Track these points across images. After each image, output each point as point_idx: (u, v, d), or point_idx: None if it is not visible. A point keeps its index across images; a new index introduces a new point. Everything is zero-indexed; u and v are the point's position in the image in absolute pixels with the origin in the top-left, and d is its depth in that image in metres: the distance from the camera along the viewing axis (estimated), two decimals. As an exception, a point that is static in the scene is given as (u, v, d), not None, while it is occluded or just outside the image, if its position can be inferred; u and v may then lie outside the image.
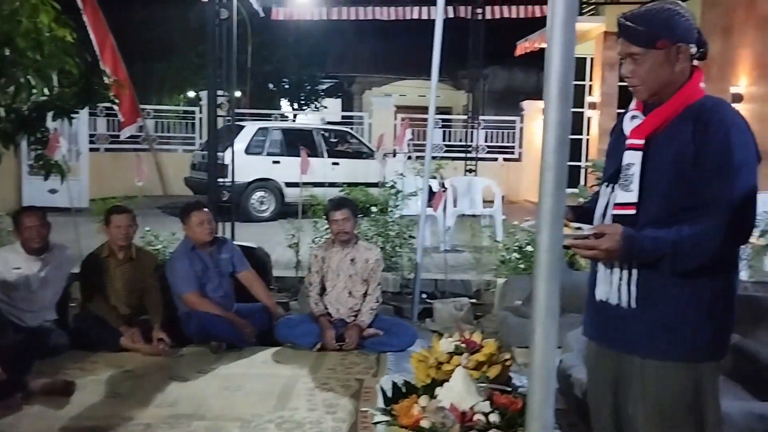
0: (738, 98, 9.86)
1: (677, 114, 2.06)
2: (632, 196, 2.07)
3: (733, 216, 1.94)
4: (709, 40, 7.97)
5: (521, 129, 15.86)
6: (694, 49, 2.07)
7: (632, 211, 2.06)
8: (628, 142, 2.12)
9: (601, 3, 12.73)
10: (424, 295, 6.22)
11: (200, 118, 14.92)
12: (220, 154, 6.91)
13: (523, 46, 13.75)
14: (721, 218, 1.95)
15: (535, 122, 15.06)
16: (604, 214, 2.17)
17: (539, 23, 10.79)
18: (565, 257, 5.01)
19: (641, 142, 2.08)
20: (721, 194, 1.96)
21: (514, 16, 12.10)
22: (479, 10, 12.31)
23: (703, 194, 1.98)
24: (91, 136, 13.04)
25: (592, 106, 13.32)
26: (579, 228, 2.00)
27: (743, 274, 6.26)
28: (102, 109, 13.29)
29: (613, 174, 2.17)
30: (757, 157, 2.03)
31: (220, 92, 6.98)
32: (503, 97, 21.88)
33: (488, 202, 9.35)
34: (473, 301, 6.28)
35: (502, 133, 16.12)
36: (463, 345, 2.81)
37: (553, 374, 1.52)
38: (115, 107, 6.76)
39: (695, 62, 2.14)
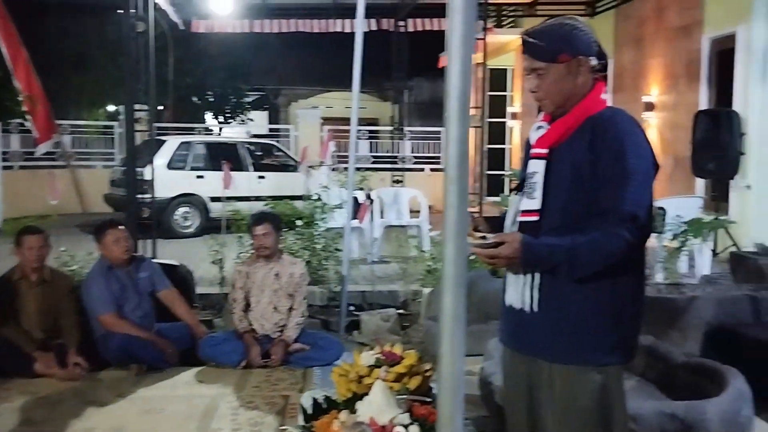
0: (650, 107, 10.27)
1: (578, 124, 2.13)
2: (535, 203, 2.13)
3: (628, 222, 2.01)
4: (622, 51, 8.33)
5: (447, 139, 16.05)
6: (594, 62, 2.15)
7: (535, 218, 2.13)
8: (532, 151, 2.20)
9: (519, 16, 13.06)
10: (351, 308, 6.22)
11: (120, 133, 14.55)
12: (139, 169, 6.74)
13: (445, 58, 13.92)
14: (615, 225, 2.01)
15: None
16: (514, 222, 2.22)
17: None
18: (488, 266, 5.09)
19: (544, 151, 2.15)
20: (615, 201, 2.02)
21: (436, 28, 12.26)
22: (402, 23, 12.45)
23: (600, 202, 2.05)
24: (4, 153, 12.53)
25: (514, 116, 13.65)
26: (483, 237, 2.05)
27: (658, 276, 6.50)
28: (16, 125, 12.79)
29: (521, 182, 2.23)
30: (653, 166, 2.11)
31: (138, 106, 6.82)
32: (429, 108, 22.17)
33: (415, 213, 9.43)
34: (400, 311, 6.32)
35: (429, 143, 16.32)
36: (384, 357, 2.82)
37: (462, 384, 1.54)
38: (29, 123, 6.52)
39: (599, 75, 2.21)
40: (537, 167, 2.16)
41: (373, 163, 15.33)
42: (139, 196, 6.68)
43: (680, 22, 9.65)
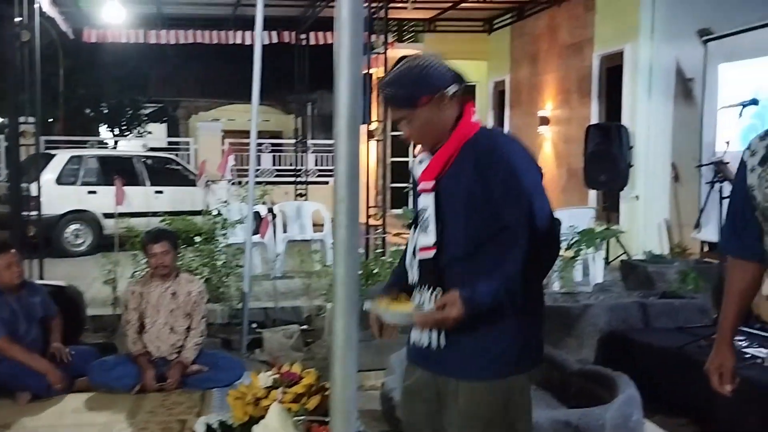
0: (545, 121, 10.62)
1: (458, 151, 2.13)
2: (431, 239, 2.13)
3: (536, 238, 2.01)
4: (518, 67, 8.62)
5: (350, 152, 16.06)
6: (454, 89, 2.13)
7: (432, 252, 2.13)
8: (419, 187, 2.19)
9: (420, 31, 13.27)
10: (254, 325, 6.09)
11: (5, 147, 13.80)
12: (25, 185, 6.38)
13: (348, 71, 13.99)
14: (524, 244, 2.01)
15: (363, 146, 15.37)
16: (414, 257, 2.22)
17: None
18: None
19: (431, 184, 2.15)
20: (521, 221, 2.02)
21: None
22: (303, 36, 12.39)
23: (503, 224, 2.05)
24: None
25: (416, 129, 13.80)
26: (420, 305, 2.08)
27: (555, 285, 6.70)
28: None
29: (415, 217, 2.23)
30: (539, 175, 2.13)
31: (24, 119, 6.47)
32: (332, 121, 22.10)
33: (319, 227, 9.36)
34: (304, 327, 6.23)
35: (332, 156, 16.25)
36: (282, 378, 2.75)
37: (354, 406, 1.51)
38: None
39: (463, 97, 2.19)
40: (427, 202, 2.15)
41: (277, 176, 15.16)
42: (25, 213, 6.34)
43: (572, 40, 10.04)
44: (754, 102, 4.86)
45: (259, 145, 15.59)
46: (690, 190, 7.86)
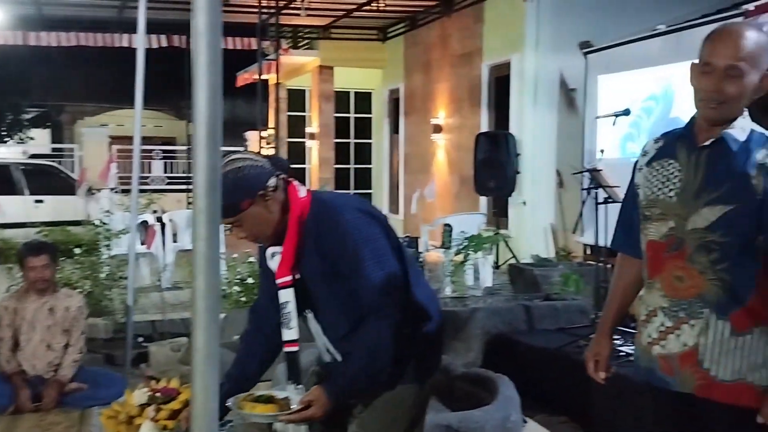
0: (438, 129, 10.83)
1: (300, 234, 2.12)
2: (293, 333, 2.15)
3: (385, 306, 2.04)
4: (412, 75, 8.76)
5: (246, 159, 15.83)
6: (273, 181, 2.11)
7: (296, 348, 2.15)
8: (278, 282, 2.16)
9: (315, 38, 13.26)
10: (140, 339, 5.88)
11: None
12: None
13: (243, 77, 13.81)
14: (377, 315, 2.04)
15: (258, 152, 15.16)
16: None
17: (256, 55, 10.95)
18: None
19: (289, 278, 2.14)
20: (364, 292, 2.05)
21: (231, 47, 12.05)
22: (195, 40, 12.12)
23: (357, 296, 2.07)
24: None
25: (312, 136, 13.77)
26: (286, 398, 2.09)
27: (447, 290, 6.83)
28: None
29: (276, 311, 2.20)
30: (379, 227, 2.15)
31: None
32: (228, 128, 21.31)
33: (211, 235, 9.14)
34: (193, 339, 6.08)
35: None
36: (158, 394, 2.67)
37: (215, 422, 1.48)
38: None
39: (284, 180, 2.18)
40: (287, 296, 2.14)
41: (169, 184, 14.75)
42: None
43: (462, 50, 10.29)
44: (626, 112, 5.12)
45: (150, 151, 15.15)
46: (573, 195, 8.21)
